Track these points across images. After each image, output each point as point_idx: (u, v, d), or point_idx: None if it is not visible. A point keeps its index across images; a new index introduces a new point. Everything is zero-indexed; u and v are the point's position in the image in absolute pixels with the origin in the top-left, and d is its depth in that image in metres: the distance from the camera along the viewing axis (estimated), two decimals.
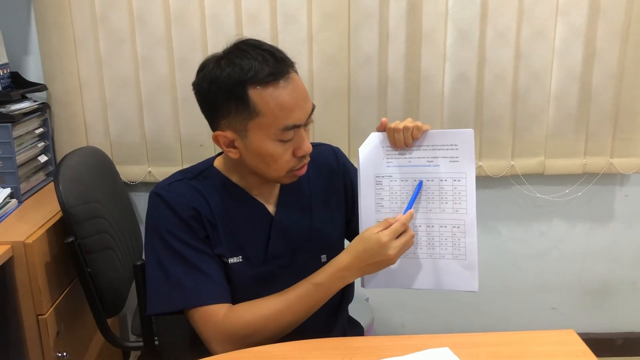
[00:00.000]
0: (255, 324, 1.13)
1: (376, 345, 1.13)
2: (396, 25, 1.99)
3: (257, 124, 1.10)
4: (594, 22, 1.99)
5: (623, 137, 2.09)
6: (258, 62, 1.09)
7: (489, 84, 2.03)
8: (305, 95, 1.13)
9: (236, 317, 1.14)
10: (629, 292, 2.33)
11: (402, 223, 1.13)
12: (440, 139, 1.18)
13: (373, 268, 1.15)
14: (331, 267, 1.15)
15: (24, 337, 1.59)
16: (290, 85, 1.10)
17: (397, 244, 1.12)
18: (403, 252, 1.14)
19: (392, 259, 1.12)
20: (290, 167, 1.16)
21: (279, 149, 1.13)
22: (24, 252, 1.54)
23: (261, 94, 1.08)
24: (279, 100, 1.09)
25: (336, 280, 1.15)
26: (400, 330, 2.37)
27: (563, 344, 1.12)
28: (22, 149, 1.84)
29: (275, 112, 1.09)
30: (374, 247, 1.12)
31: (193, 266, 1.16)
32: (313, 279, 1.15)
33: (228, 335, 1.13)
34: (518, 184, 2.19)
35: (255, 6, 1.96)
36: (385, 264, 1.14)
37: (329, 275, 1.15)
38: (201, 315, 1.15)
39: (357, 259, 1.13)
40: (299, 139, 1.14)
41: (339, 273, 1.14)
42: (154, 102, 2.03)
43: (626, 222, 2.26)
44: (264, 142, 1.12)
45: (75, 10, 1.96)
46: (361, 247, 1.13)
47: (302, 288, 1.15)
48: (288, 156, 1.15)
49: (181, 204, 1.17)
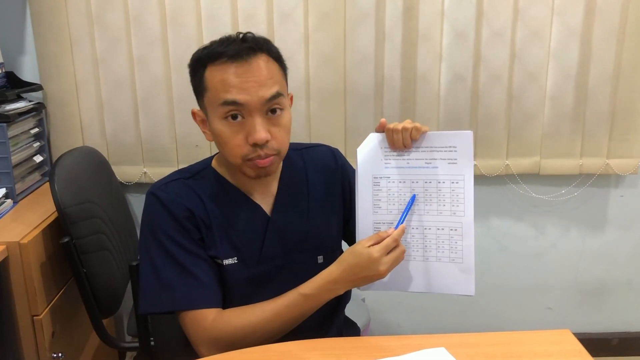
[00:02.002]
0: (243, 331, 1.13)
1: (372, 345, 1.13)
2: (392, 25, 1.99)
3: (207, 100, 1.15)
4: (589, 22, 1.99)
5: (619, 138, 2.10)
6: (224, 44, 1.12)
7: (485, 83, 2.03)
8: (260, 80, 1.11)
9: (224, 322, 1.14)
10: (624, 292, 2.34)
11: (394, 239, 1.12)
12: (439, 140, 1.17)
13: (363, 281, 1.14)
14: (321, 278, 1.14)
15: (19, 338, 1.58)
16: (244, 66, 1.11)
17: (388, 260, 1.11)
18: (394, 267, 1.13)
19: (383, 274, 1.11)
20: (243, 154, 1.14)
21: (226, 130, 1.13)
22: (19, 252, 1.53)
23: (211, 71, 1.13)
24: (223, 76, 1.11)
25: (325, 292, 1.14)
26: (396, 330, 2.37)
27: (559, 344, 1.12)
28: (18, 149, 1.83)
29: (217, 86, 1.12)
30: (365, 262, 1.11)
31: (185, 268, 1.16)
32: (302, 289, 1.14)
33: (215, 340, 1.14)
34: (513, 184, 2.19)
35: (251, 6, 1.96)
36: (375, 278, 1.13)
37: (318, 286, 1.14)
38: (190, 319, 1.15)
39: (347, 272, 1.12)
40: (250, 125, 1.12)
41: (328, 285, 1.13)
42: (150, 102, 2.03)
43: (622, 223, 2.26)
44: (214, 121, 1.15)
45: (71, 10, 1.95)
46: (352, 261, 1.12)
47: (290, 297, 1.15)
48: (239, 141, 1.13)
49: (176, 205, 1.17)
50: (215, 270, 1.20)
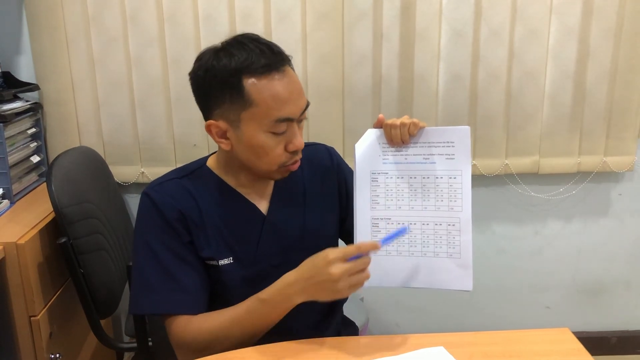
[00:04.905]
0: (208, 337, 1.13)
1: (371, 344, 1.13)
2: (390, 24, 1.99)
3: (250, 114, 1.10)
4: (587, 21, 1.99)
5: (617, 136, 2.10)
6: (255, 53, 1.09)
7: (483, 83, 2.03)
8: (299, 90, 1.13)
9: (194, 328, 1.14)
10: (623, 291, 2.34)
11: (357, 247, 1.06)
12: (436, 136, 1.17)
13: (316, 289, 1.06)
14: (278, 283, 1.11)
15: (16, 339, 1.58)
16: (285, 78, 1.10)
17: (343, 265, 1.03)
18: (352, 281, 1.05)
19: (336, 280, 1.03)
20: (281, 162, 1.16)
21: (270, 142, 1.12)
22: (16, 252, 1.53)
23: (255, 85, 1.08)
24: (272, 91, 1.09)
25: (281, 297, 1.10)
26: (394, 329, 2.36)
27: (558, 343, 1.12)
28: (14, 149, 1.83)
29: (268, 103, 1.09)
30: (320, 262, 1.05)
31: (168, 272, 1.15)
32: (260, 294, 1.12)
33: (186, 344, 1.14)
34: (512, 183, 2.19)
35: (249, 5, 1.95)
36: (329, 286, 1.04)
37: (274, 291, 1.11)
38: (169, 322, 1.16)
39: (302, 275, 1.08)
40: (291, 134, 1.14)
41: (284, 290, 1.10)
42: (147, 102, 2.02)
43: (620, 221, 2.26)
44: (256, 134, 1.11)
45: (67, 10, 1.94)
46: (310, 262, 1.09)
47: (249, 303, 1.13)
48: (280, 150, 1.14)
49: (168, 205, 1.16)
50: (202, 275, 1.19)
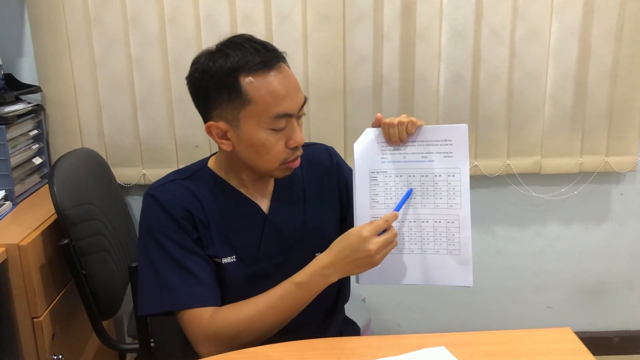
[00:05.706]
0: (239, 326, 1.13)
1: (372, 345, 1.13)
2: (391, 24, 1.99)
3: (248, 112, 1.11)
4: (588, 21, 1.99)
5: (618, 136, 2.10)
6: (249, 52, 1.10)
7: (484, 83, 2.03)
8: (296, 86, 1.14)
9: (221, 319, 1.14)
10: (624, 291, 2.33)
11: (385, 220, 1.12)
12: (434, 134, 1.18)
13: (354, 266, 1.12)
14: (313, 265, 1.14)
15: (19, 340, 1.58)
16: (281, 74, 1.12)
17: (378, 240, 1.10)
18: (385, 251, 1.12)
19: (374, 255, 1.10)
20: (282, 159, 1.16)
21: (270, 139, 1.13)
22: (18, 254, 1.53)
23: (252, 82, 1.10)
24: (269, 87, 1.10)
25: (318, 278, 1.13)
26: (396, 330, 2.36)
27: (559, 342, 1.12)
28: (16, 151, 1.83)
29: (266, 99, 1.10)
30: (355, 241, 1.10)
31: (183, 267, 1.16)
32: (295, 278, 1.14)
33: (213, 337, 1.14)
34: (514, 184, 2.19)
35: (250, 6, 1.96)
36: (367, 261, 1.11)
37: (310, 273, 1.13)
38: (188, 317, 1.15)
39: (338, 256, 1.12)
40: (291, 130, 1.15)
41: (321, 271, 1.12)
42: (149, 103, 2.03)
43: (622, 221, 2.26)
44: (256, 131, 1.12)
45: (68, 12, 1.95)
46: (342, 244, 1.12)
47: (283, 288, 1.14)
48: (280, 147, 1.15)
49: (174, 205, 1.17)
50: (213, 268, 1.20)
